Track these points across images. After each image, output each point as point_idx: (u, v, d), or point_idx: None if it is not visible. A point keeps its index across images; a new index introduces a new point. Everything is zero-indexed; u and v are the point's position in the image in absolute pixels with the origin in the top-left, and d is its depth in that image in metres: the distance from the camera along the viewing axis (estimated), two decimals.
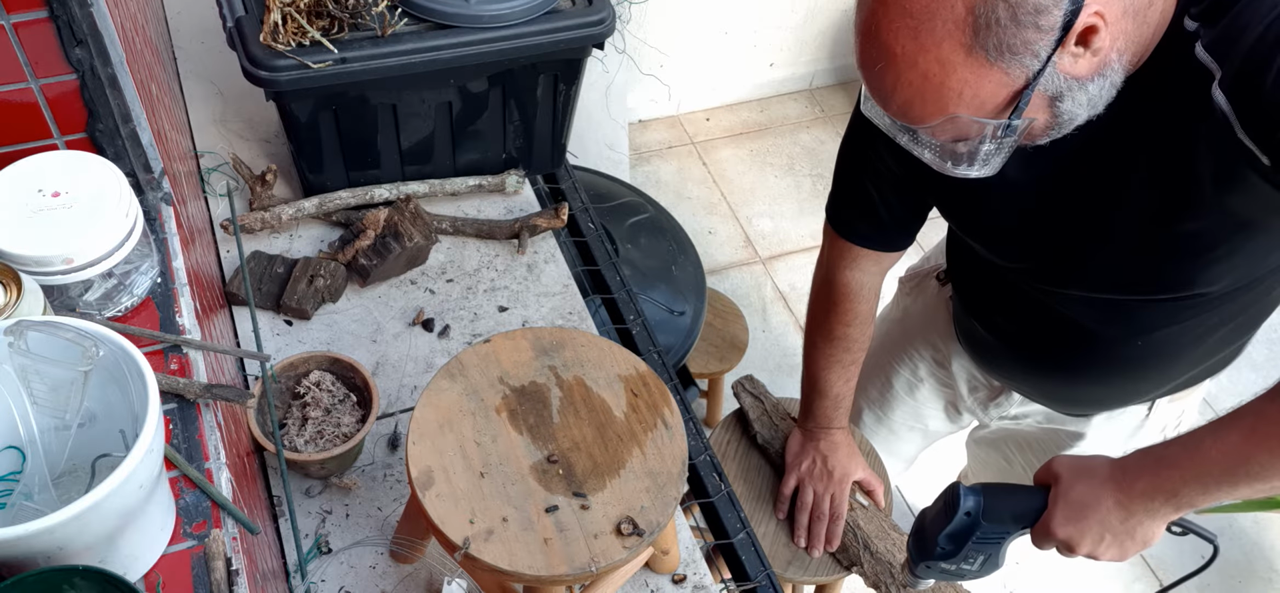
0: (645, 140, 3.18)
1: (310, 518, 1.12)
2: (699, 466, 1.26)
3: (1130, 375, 1.18)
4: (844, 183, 1.23)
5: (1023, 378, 1.30)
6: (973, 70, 0.76)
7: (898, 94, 0.80)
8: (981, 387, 1.40)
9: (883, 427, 1.61)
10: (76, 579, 0.64)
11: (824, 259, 1.30)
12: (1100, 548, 0.94)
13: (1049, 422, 1.36)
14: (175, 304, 0.94)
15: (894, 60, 0.78)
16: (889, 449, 1.64)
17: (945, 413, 1.52)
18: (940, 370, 1.46)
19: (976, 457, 1.67)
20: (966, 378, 1.42)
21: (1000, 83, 0.77)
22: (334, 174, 1.42)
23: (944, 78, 0.77)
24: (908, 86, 0.79)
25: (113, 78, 0.90)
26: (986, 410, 1.42)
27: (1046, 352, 1.19)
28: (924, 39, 0.75)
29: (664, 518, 0.92)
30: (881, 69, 0.79)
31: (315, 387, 1.16)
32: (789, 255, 2.89)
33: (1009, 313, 1.18)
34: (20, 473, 0.75)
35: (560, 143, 1.53)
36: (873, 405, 1.60)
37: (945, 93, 0.78)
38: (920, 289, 1.46)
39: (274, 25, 1.21)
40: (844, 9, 3.24)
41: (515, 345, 1.03)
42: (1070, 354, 1.16)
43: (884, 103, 0.83)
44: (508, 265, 1.44)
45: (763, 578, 1.18)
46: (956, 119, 0.80)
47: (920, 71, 0.77)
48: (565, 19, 1.32)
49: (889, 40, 0.77)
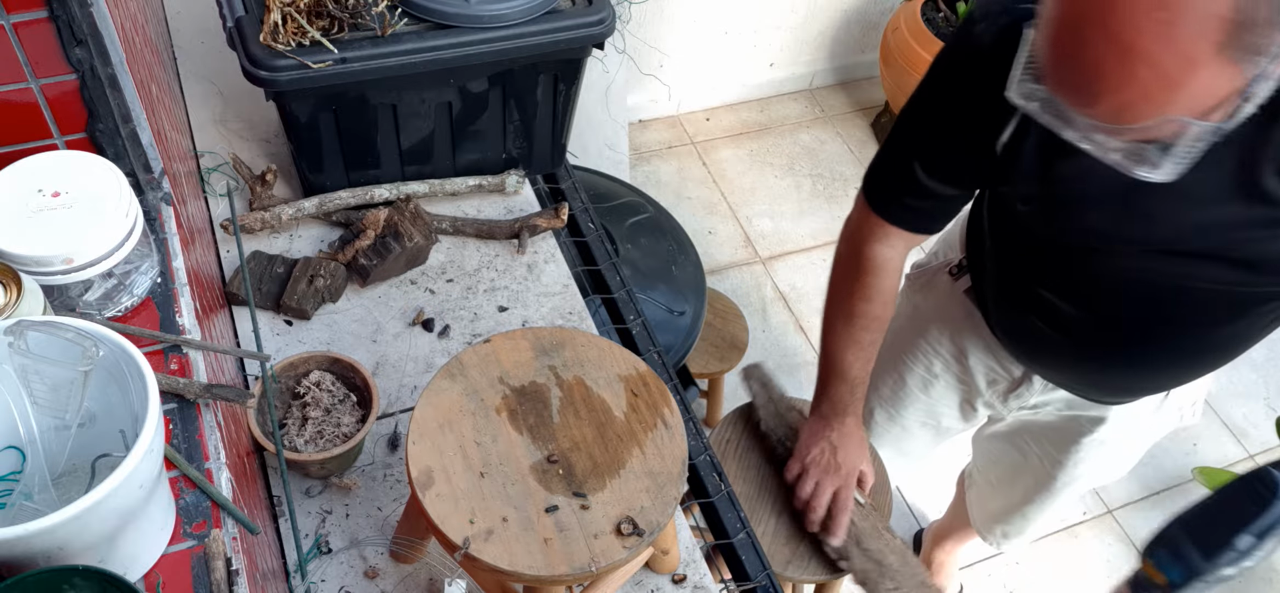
0: (645, 140, 3.18)
1: (310, 518, 1.12)
2: (699, 465, 1.26)
3: (1188, 362, 1.18)
4: (893, 163, 1.19)
5: (1071, 368, 1.28)
6: (1215, 71, 0.71)
7: (1121, 92, 0.74)
8: (1001, 378, 1.39)
9: (895, 425, 1.59)
10: (76, 579, 0.63)
11: (850, 232, 1.27)
12: None
13: (1069, 409, 1.36)
14: (175, 304, 0.94)
15: (1128, 55, 0.72)
16: (900, 449, 1.63)
17: (960, 410, 1.51)
18: (956, 365, 1.44)
19: (986, 453, 1.67)
20: (985, 371, 1.40)
21: (1231, 83, 0.73)
22: (334, 174, 1.42)
23: (1182, 78, 0.72)
24: (1136, 85, 0.73)
25: (113, 78, 0.90)
26: (1006, 402, 1.41)
27: (1111, 340, 1.16)
28: (1176, 33, 0.70)
29: (664, 518, 0.92)
30: (1107, 65, 0.73)
31: (315, 387, 1.16)
32: (789, 255, 2.89)
33: (1075, 299, 1.14)
34: (20, 473, 0.75)
35: (560, 143, 1.53)
36: (885, 404, 1.58)
37: (1177, 94, 0.73)
38: (931, 285, 1.45)
39: (274, 25, 1.21)
40: (844, 9, 3.24)
41: (515, 345, 1.03)
42: (1139, 342, 1.13)
43: (1092, 99, 0.77)
44: (508, 265, 1.44)
45: (763, 578, 1.18)
46: (1171, 121, 0.75)
47: (1158, 69, 0.71)
48: (565, 19, 1.32)
49: (1128, 34, 0.71)
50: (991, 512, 1.74)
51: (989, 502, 1.74)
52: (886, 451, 1.63)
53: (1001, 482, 1.66)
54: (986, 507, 1.76)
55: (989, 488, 1.73)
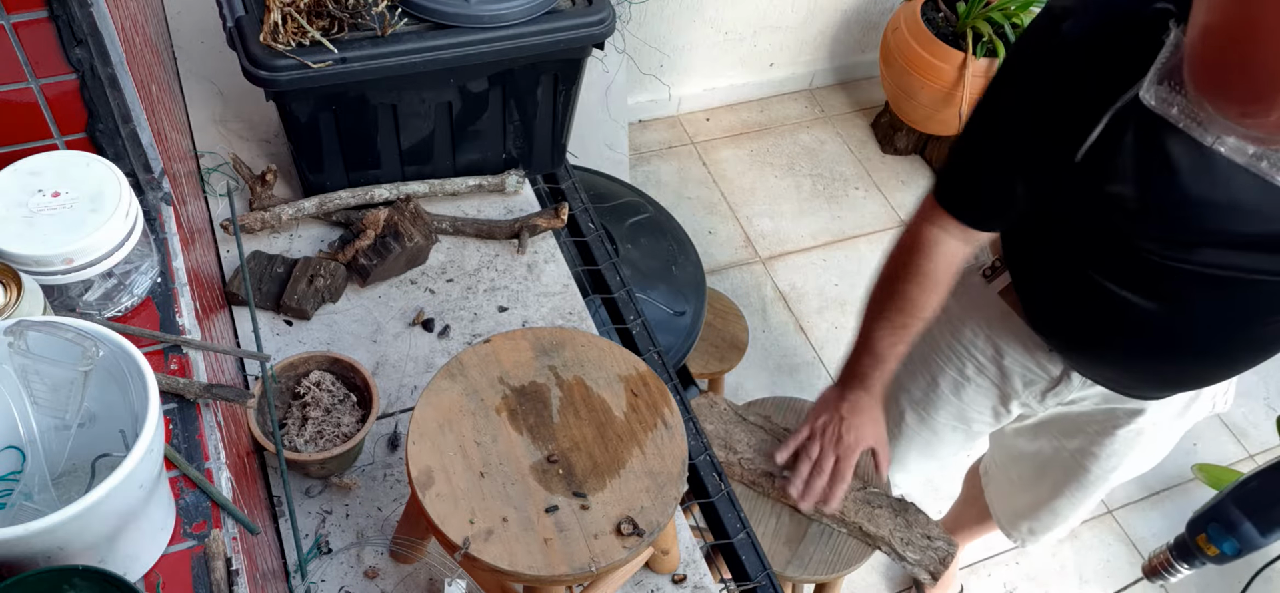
0: (645, 140, 3.18)
1: (310, 518, 1.12)
2: (699, 465, 1.26)
3: (1252, 357, 1.19)
4: (966, 158, 1.19)
5: (1125, 365, 1.28)
6: None
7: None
8: (1039, 378, 1.38)
9: (925, 428, 1.58)
10: (76, 579, 0.63)
11: (912, 218, 1.26)
12: None
13: (1106, 402, 1.36)
14: (175, 304, 0.94)
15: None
16: (930, 452, 1.62)
17: (992, 411, 1.50)
18: (992, 368, 1.43)
19: (1008, 449, 1.65)
20: (1021, 372, 1.39)
21: None
22: (334, 174, 1.42)
23: None
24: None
25: (113, 78, 0.90)
26: (1043, 400, 1.41)
27: (1181, 338, 1.16)
28: None
29: (664, 518, 0.92)
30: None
31: (315, 387, 1.16)
32: (789, 255, 2.89)
33: (1151, 291, 1.14)
34: (20, 473, 0.75)
35: (560, 143, 1.53)
36: (917, 406, 1.56)
37: None
38: (963, 287, 1.41)
39: (274, 25, 1.21)
40: (844, 9, 3.24)
41: (515, 345, 1.03)
42: (1206, 332, 1.14)
43: (1264, 108, 0.76)
44: (508, 265, 1.44)
45: (763, 578, 1.18)
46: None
47: None
48: (565, 19, 1.32)
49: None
50: (1017, 508, 1.73)
51: (1013, 499, 1.72)
52: (914, 454, 1.62)
53: (1027, 478, 1.65)
54: (1011, 503, 1.74)
55: (1010, 485, 1.71)
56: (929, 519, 1.37)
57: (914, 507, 1.38)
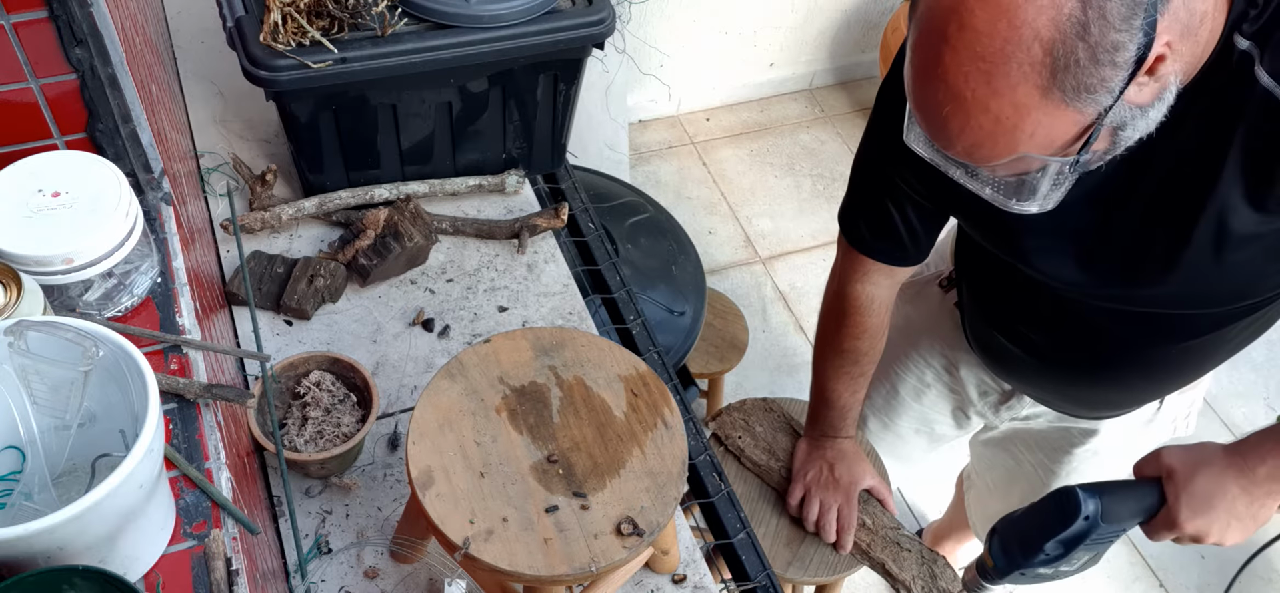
0: (645, 140, 3.18)
1: (310, 518, 1.12)
2: (699, 465, 1.26)
3: (1161, 379, 1.18)
4: (860, 198, 1.20)
5: (1044, 386, 1.29)
6: (1047, 112, 0.73)
7: (965, 136, 0.77)
8: (992, 391, 1.40)
9: (889, 433, 1.60)
10: (76, 579, 0.63)
11: (836, 272, 1.29)
12: (1227, 534, 0.97)
13: (1060, 421, 1.36)
14: (175, 304, 0.94)
15: (963, 104, 0.74)
16: (895, 454, 1.63)
17: (953, 417, 1.52)
18: (948, 376, 1.45)
19: (983, 457, 1.67)
20: (976, 383, 1.41)
21: (1073, 121, 0.74)
22: (334, 174, 1.42)
23: (1017, 121, 0.74)
24: (977, 130, 0.76)
25: (113, 78, 0.90)
26: (997, 413, 1.42)
27: (1076, 361, 1.18)
28: (998, 83, 0.72)
29: (664, 518, 0.92)
30: (947, 112, 0.76)
31: (315, 387, 1.16)
32: (789, 255, 2.89)
33: (1036, 323, 1.17)
34: (20, 473, 0.75)
35: (560, 143, 1.53)
36: (878, 412, 1.59)
37: (1017, 135, 0.75)
38: (922, 296, 1.45)
39: (274, 25, 1.21)
40: (844, 9, 3.24)
41: (515, 345, 1.03)
42: (1104, 363, 1.15)
43: (947, 144, 0.80)
44: (508, 265, 1.44)
45: (763, 578, 1.18)
46: (1024, 158, 0.78)
47: (992, 115, 0.74)
48: (565, 19, 1.32)
49: (958, 84, 0.74)
50: (989, 515, 1.74)
51: (987, 505, 1.74)
52: (883, 456, 1.63)
53: (999, 486, 1.66)
54: (985, 510, 1.76)
55: (986, 492, 1.73)
56: (955, 575, 1.35)
57: (943, 560, 1.36)
